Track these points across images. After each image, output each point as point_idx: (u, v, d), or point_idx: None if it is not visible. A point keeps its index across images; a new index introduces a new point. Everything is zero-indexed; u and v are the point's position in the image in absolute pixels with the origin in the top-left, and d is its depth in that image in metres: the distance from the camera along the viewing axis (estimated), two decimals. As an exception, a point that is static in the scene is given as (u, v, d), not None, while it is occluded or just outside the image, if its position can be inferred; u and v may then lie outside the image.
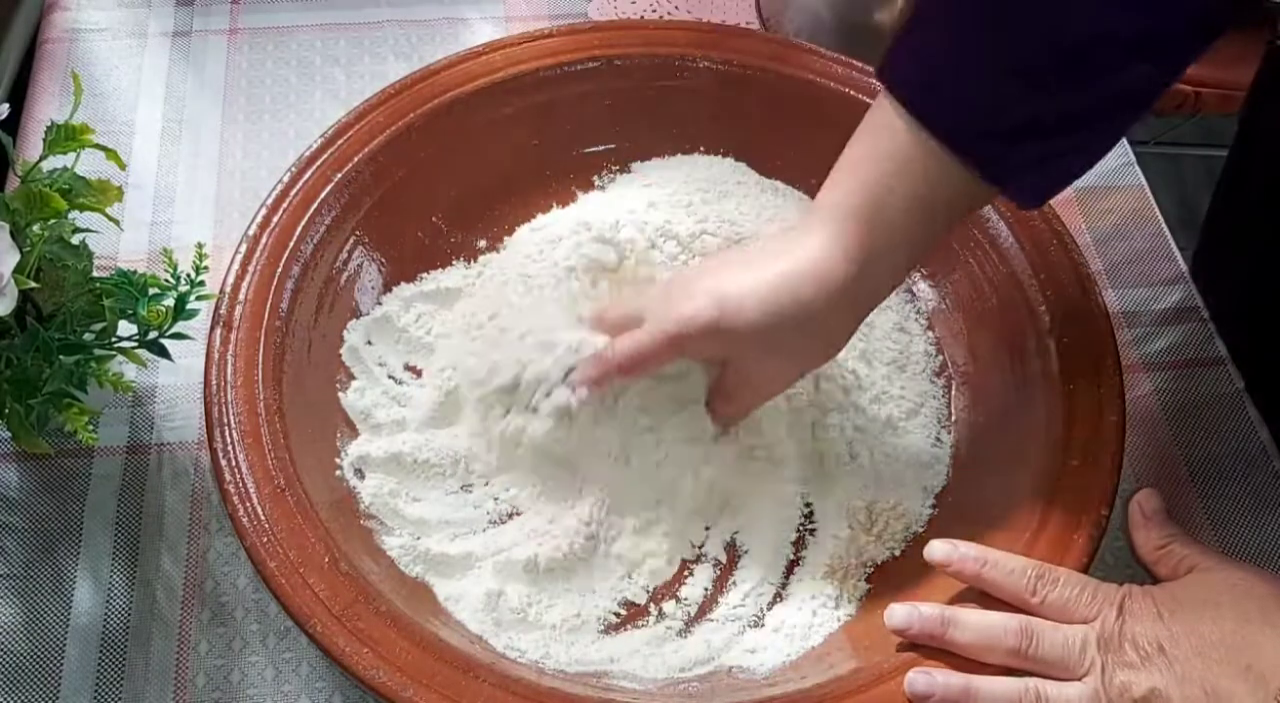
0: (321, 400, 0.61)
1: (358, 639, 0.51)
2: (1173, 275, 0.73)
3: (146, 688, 0.56)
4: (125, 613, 0.58)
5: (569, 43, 0.71)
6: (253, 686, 0.57)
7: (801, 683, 0.53)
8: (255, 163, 0.75)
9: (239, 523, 0.53)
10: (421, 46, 0.81)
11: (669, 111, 0.72)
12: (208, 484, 0.62)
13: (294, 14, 0.82)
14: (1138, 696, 0.49)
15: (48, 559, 0.60)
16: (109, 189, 0.57)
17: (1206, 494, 0.65)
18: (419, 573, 0.57)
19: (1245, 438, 0.67)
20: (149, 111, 0.77)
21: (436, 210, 0.69)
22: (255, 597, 0.59)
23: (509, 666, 0.54)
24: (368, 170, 0.66)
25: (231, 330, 0.59)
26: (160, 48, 0.80)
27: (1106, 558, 0.62)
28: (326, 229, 0.64)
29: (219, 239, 0.71)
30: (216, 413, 0.56)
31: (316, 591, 0.52)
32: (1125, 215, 0.76)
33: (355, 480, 0.59)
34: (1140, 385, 0.68)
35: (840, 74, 0.70)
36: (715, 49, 0.71)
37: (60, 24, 0.81)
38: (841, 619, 0.58)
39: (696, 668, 0.56)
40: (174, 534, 0.61)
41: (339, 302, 0.64)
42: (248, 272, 0.61)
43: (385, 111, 0.67)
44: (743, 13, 0.85)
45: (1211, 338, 0.71)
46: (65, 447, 0.62)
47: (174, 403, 0.65)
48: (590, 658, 0.56)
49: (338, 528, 0.55)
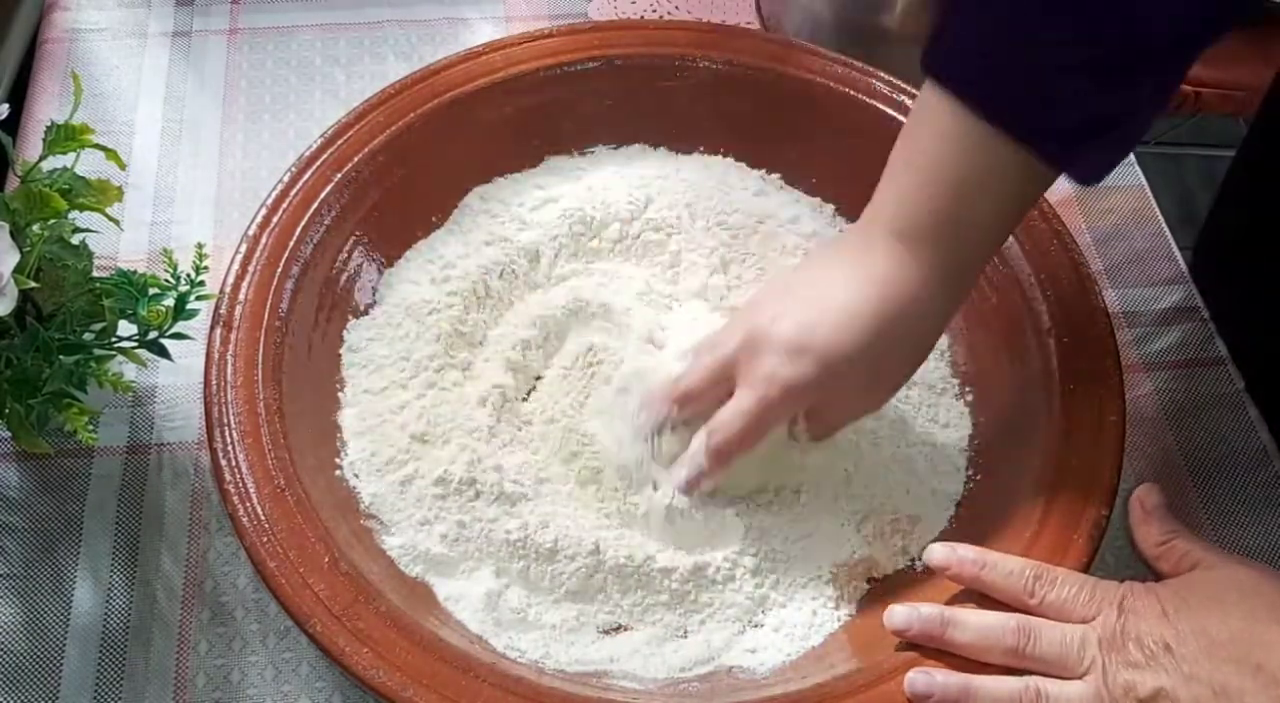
0: (322, 400, 0.61)
1: (358, 639, 0.51)
2: (1173, 275, 0.73)
3: (146, 688, 0.56)
4: (125, 613, 0.58)
5: (569, 43, 0.71)
6: (253, 686, 0.57)
7: (801, 683, 0.53)
8: (255, 163, 0.75)
9: (239, 523, 0.53)
10: (421, 46, 0.81)
11: (669, 111, 0.72)
12: (208, 484, 0.62)
13: (294, 14, 0.82)
14: (1143, 695, 0.49)
15: (48, 559, 0.60)
16: (109, 189, 0.57)
17: (1207, 494, 0.65)
18: (419, 573, 0.57)
19: (1245, 438, 0.67)
20: (149, 111, 0.77)
21: (436, 210, 0.69)
22: (255, 597, 0.59)
23: (509, 666, 0.54)
24: (368, 170, 0.66)
25: (231, 330, 0.59)
26: (160, 48, 0.80)
27: (1106, 558, 0.62)
28: (326, 229, 0.64)
29: (219, 239, 0.71)
30: (216, 413, 0.56)
31: (316, 591, 0.52)
32: (1125, 215, 0.76)
33: (355, 481, 0.59)
34: (1140, 385, 0.68)
35: (840, 74, 0.70)
36: (715, 49, 0.71)
37: (60, 24, 0.81)
38: (841, 619, 0.58)
39: (696, 668, 0.56)
40: (174, 534, 0.61)
41: (339, 302, 0.64)
42: (248, 272, 0.61)
43: (385, 111, 0.67)
44: (743, 13, 0.85)
45: (1211, 338, 0.71)
46: (65, 447, 0.62)
47: (174, 403, 0.65)
48: (590, 658, 0.56)
49: (338, 528, 0.55)
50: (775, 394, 0.53)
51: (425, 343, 0.63)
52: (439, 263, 0.67)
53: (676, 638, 0.57)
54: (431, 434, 0.60)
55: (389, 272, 0.66)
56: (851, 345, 0.52)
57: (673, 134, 0.72)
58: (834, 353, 0.53)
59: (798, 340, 0.53)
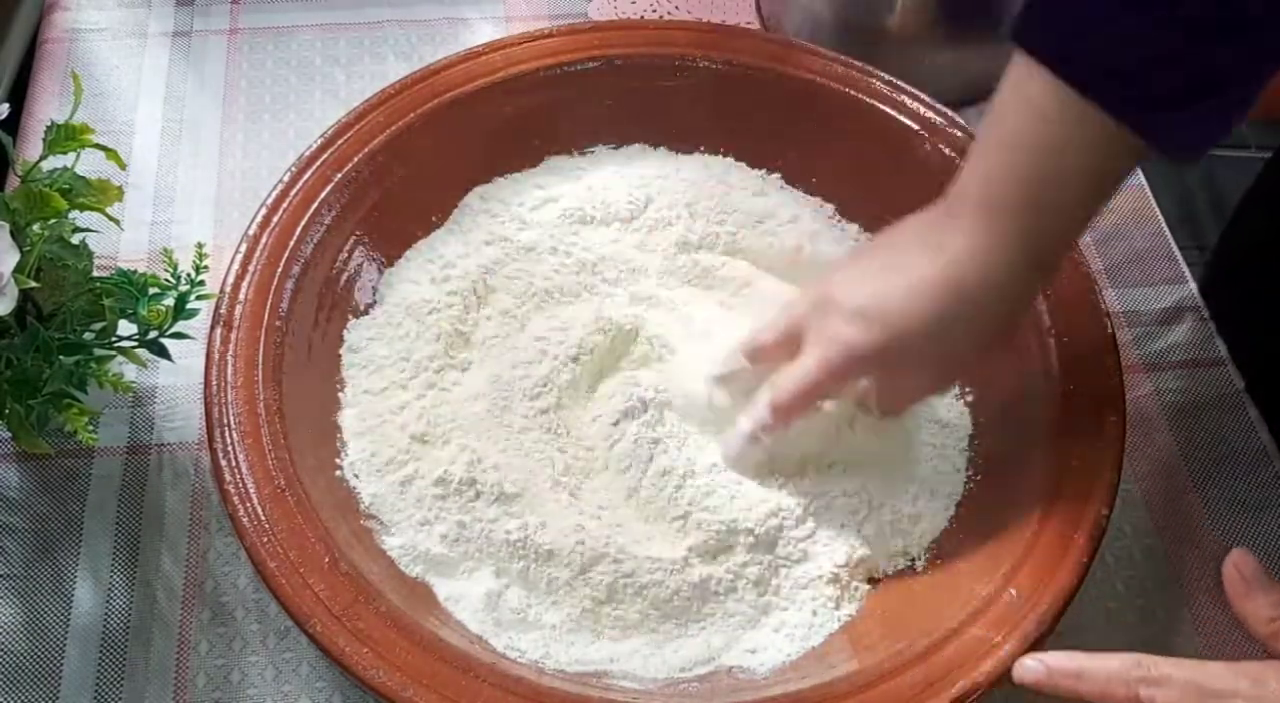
0: (322, 400, 0.61)
1: (358, 639, 0.51)
2: (1173, 275, 0.73)
3: (147, 688, 0.56)
4: (125, 613, 0.58)
5: (569, 43, 0.71)
6: (253, 686, 0.57)
7: (801, 683, 0.53)
8: (255, 163, 0.75)
9: (239, 523, 0.53)
10: (421, 46, 0.81)
11: (669, 111, 0.72)
12: (208, 484, 0.62)
13: (294, 14, 0.82)
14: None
15: (48, 559, 0.60)
16: (109, 189, 0.57)
17: (1207, 494, 0.65)
18: (419, 573, 0.57)
19: (1245, 438, 0.67)
20: (149, 111, 0.77)
21: (436, 210, 0.69)
22: (255, 597, 0.59)
23: (509, 666, 0.54)
24: (368, 170, 0.66)
25: (231, 330, 0.59)
26: (160, 48, 0.80)
27: (1106, 558, 0.62)
28: (326, 229, 0.63)
29: (219, 239, 0.71)
30: (216, 413, 0.56)
31: (316, 591, 0.52)
32: (1125, 215, 0.76)
33: (355, 481, 0.59)
34: (1140, 385, 0.68)
35: (840, 74, 0.70)
36: (715, 49, 0.71)
37: (60, 24, 0.81)
38: (841, 619, 0.58)
39: (696, 668, 0.56)
40: (174, 534, 0.61)
41: (339, 302, 0.64)
42: (248, 272, 0.61)
43: (385, 111, 0.67)
44: (743, 13, 0.85)
45: (1211, 338, 0.71)
46: (65, 447, 0.62)
47: (174, 403, 0.65)
48: (590, 658, 0.56)
49: (338, 528, 0.55)
50: (838, 356, 0.53)
51: (425, 343, 0.63)
52: (439, 263, 0.67)
53: (676, 638, 0.57)
54: (431, 434, 0.60)
55: (389, 272, 0.66)
56: (918, 317, 0.52)
57: (673, 134, 0.72)
58: (900, 323, 0.52)
59: (866, 306, 0.53)
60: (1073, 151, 0.49)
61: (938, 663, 0.52)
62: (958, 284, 0.51)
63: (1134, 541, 0.63)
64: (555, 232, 0.68)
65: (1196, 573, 0.62)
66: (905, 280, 0.52)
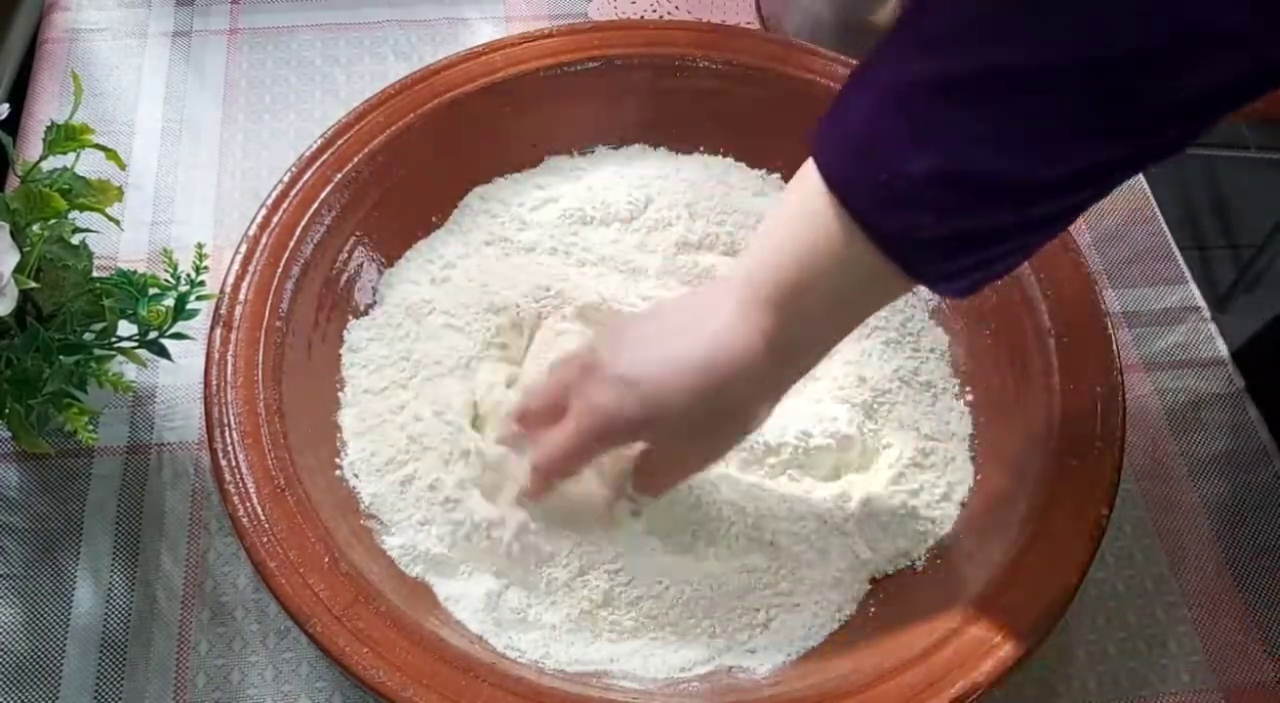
0: (322, 400, 0.61)
1: (358, 639, 0.51)
2: (1173, 275, 0.73)
3: (147, 688, 0.57)
4: (125, 613, 0.58)
5: (569, 43, 0.71)
6: (253, 686, 0.57)
7: (801, 683, 0.53)
8: (255, 163, 0.75)
9: (239, 523, 0.53)
10: (421, 46, 0.81)
11: (669, 111, 0.72)
12: (208, 484, 0.62)
13: (294, 14, 0.82)
14: None
15: (48, 559, 0.60)
16: (109, 189, 0.57)
17: (1206, 494, 0.65)
18: (419, 573, 0.57)
19: (1245, 438, 0.67)
20: (149, 111, 0.77)
21: (436, 210, 0.69)
22: (255, 597, 0.59)
23: (509, 666, 0.54)
24: (368, 170, 0.66)
25: (231, 330, 0.59)
26: (160, 48, 0.80)
27: (1106, 558, 0.62)
28: (326, 229, 0.64)
29: (219, 239, 0.71)
30: (216, 413, 0.56)
31: (316, 591, 0.52)
32: (1125, 215, 0.76)
33: (355, 481, 0.59)
34: (1140, 385, 0.68)
35: (840, 74, 0.70)
36: (715, 49, 0.71)
37: (60, 24, 0.81)
38: (841, 619, 0.58)
39: (696, 668, 0.56)
40: (174, 534, 0.61)
41: (339, 302, 0.64)
42: (248, 272, 0.61)
43: (385, 111, 0.67)
44: (743, 13, 0.85)
45: (1211, 338, 0.71)
46: (65, 447, 0.62)
47: (174, 403, 0.65)
48: (590, 658, 0.56)
49: (338, 528, 0.55)
50: (595, 424, 0.53)
51: (425, 343, 0.63)
52: (439, 263, 0.67)
53: (676, 638, 0.57)
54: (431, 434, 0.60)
55: (389, 272, 0.66)
56: (675, 393, 0.51)
57: (673, 134, 0.72)
58: (654, 394, 0.51)
59: (625, 374, 0.52)
60: (826, 257, 0.47)
61: (938, 663, 0.52)
62: (712, 367, 0.50)
63: (1134, 541, 0.63)
64: (555, 232, 0.68)
65: (1195, 573, 0.62)
66: (665, 353, 0.51)
